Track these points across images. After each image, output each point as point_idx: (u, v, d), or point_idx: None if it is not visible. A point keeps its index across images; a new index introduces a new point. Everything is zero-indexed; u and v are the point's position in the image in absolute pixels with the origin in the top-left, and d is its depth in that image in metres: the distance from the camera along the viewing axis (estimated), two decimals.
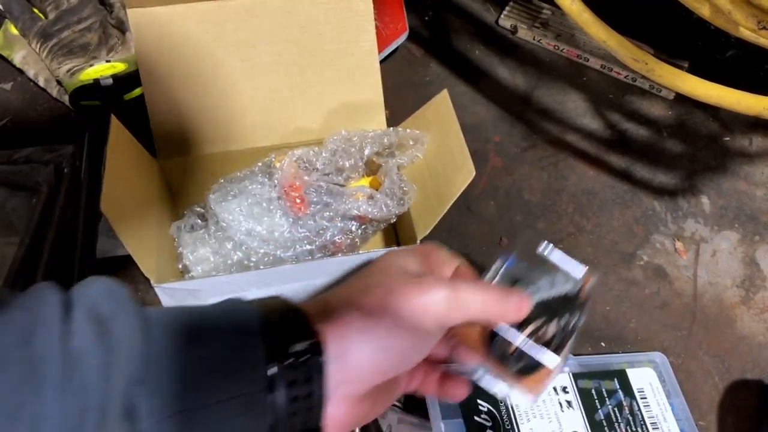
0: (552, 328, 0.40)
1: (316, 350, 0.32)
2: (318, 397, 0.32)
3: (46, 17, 0.73)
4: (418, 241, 0.54)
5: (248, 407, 0.30)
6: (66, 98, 0.72)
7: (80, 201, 0.68)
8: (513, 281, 0.42)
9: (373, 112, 0.64)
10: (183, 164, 0.62)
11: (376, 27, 0.80)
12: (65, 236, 0.66)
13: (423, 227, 0.54)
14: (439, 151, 0.56)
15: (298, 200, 0.55)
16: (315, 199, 0.55)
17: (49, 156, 0.69)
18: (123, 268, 0.65)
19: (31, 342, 0.25)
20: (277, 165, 0.56)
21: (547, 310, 0.40)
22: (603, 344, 0.60)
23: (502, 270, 0.42)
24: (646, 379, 0.55)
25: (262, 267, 0.53)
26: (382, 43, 0.80)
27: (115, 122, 0.50)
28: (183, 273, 0.56)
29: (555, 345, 0.39)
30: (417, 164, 0.58)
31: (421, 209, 0.56)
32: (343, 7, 0.62)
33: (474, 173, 0.50)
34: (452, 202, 0.51)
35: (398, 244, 0.62)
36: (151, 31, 0.56)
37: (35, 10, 0.74)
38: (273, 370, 0.30)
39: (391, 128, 0.60)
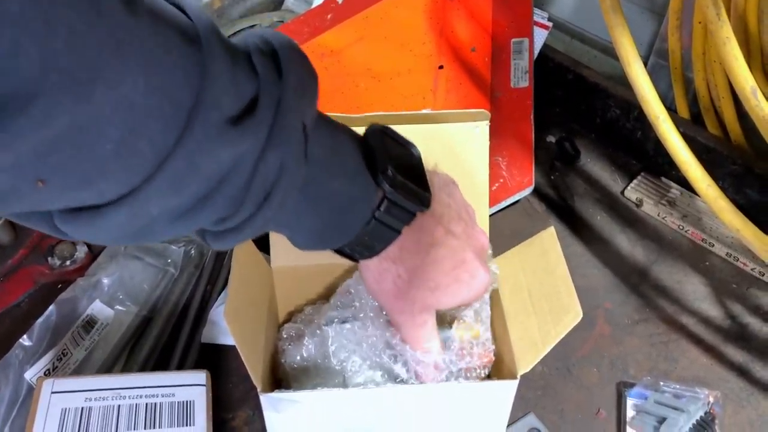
0: None
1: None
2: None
3: None
4: (518, 376, 0.52)
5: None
6: None
7: (198, 287, 0.72)
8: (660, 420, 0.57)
9: None
10: (295, 273, 0.64)
11: (503, 177, 0.84)
12: (177, 316, 0.70)
13: (525, 363, 0.53)
14: (543, 289, 0.56)
15: None
16: None
17: (183, 238, 0.74)
18: (222, 356, 0.67)
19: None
20: None
21: None
22: None
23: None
24: None
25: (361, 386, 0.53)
26: (505, 194, 0.83)
27: None
28: (282, 379, 0.57)
29: None
30: (520, 298, 0.58)
31: (522, 344, 0.55)
32: (461, 142, 0.65)
33: (581, 316, 0.50)
34: (556, 342, 0.50)
35: (488, 375, 0.61)
36: None
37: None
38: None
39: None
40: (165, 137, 0.29)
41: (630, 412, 0.63)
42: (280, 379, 0.58)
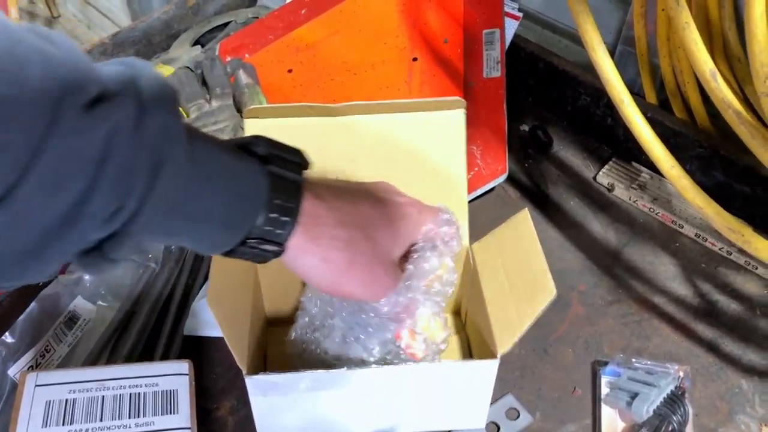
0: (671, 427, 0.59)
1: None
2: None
3: (188, 116, 0.82)
4: (498, 356, 0.54)
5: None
6: None
7: (179, 280, 0.73)
8: (632, 396, 0.62)
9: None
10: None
11: (477, 166, 0.85)
12: (160, 309, 0.70)
13: (504, 343, 0.54)
14: (518, 269, 0.57)
15: None
16: None
17: None
18: (205, 347, 0.68)
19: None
20: None
21: (660, 415, 0.60)
22: None
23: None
24: None
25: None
26: (480, 182, 0.84)
27: None
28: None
29: None
30: (497, 280, 0.59)
31: (501, 325, 0.56)
32: (438, 130, 0.66)
33: (555, 293, 0.51)
34: (532, 320, 0.52)
35: (471, 355, 0.63)
36: None
37: (180, 109, 0.84)
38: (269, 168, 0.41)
39: None
40: (36, 124, 0.29)
41: (604, 389, 0.65)
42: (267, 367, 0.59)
